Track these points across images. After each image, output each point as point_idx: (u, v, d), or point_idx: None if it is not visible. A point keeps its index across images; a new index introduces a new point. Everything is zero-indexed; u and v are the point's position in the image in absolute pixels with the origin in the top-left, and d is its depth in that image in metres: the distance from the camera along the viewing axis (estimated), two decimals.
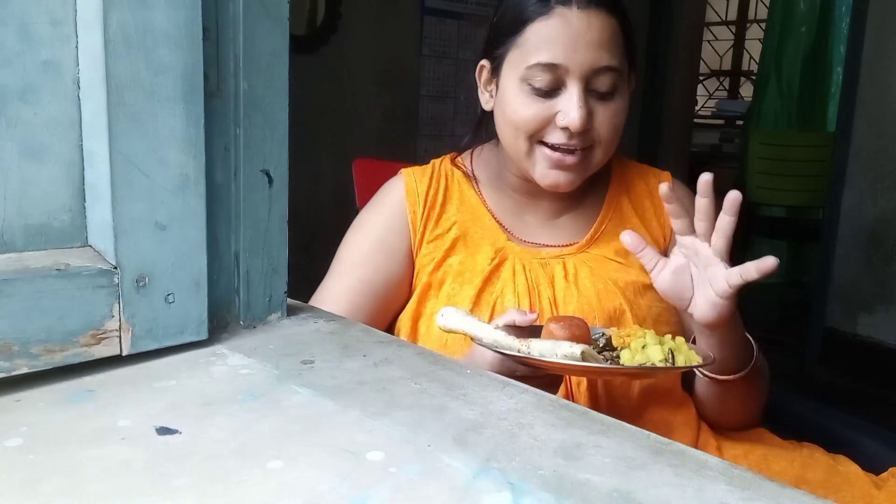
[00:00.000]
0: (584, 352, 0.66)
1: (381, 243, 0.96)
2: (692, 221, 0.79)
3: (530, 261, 0.93)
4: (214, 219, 0.54)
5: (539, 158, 0.89)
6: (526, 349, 0.68)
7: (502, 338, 0.70)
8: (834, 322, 2.81)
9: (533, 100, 0.87)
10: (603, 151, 0.90)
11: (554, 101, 0.86)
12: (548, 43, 0.85)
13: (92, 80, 0.49)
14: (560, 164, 0.88)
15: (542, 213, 0.98)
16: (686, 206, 0.99)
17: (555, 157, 0.88)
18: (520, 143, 0.89)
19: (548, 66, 0.85)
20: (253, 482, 0.36)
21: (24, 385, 0.45)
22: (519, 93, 0.88)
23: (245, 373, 0.49)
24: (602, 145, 0.89)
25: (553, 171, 0.89)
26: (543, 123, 0.87)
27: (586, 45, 0.84)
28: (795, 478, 0.88)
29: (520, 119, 0.88)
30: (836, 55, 3.86)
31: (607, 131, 0.88)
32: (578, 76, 0.85)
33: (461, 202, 0.98)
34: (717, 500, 0.36)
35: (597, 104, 0.87)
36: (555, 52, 0.85)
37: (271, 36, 0.54)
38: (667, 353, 0.70)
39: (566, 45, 0.84)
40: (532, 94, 0.87)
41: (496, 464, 0.38)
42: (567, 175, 0.89)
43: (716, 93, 7.25)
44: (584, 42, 0.84)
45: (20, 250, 0.49)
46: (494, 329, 0.71)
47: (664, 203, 0.79)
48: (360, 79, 2.71)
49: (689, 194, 1.01)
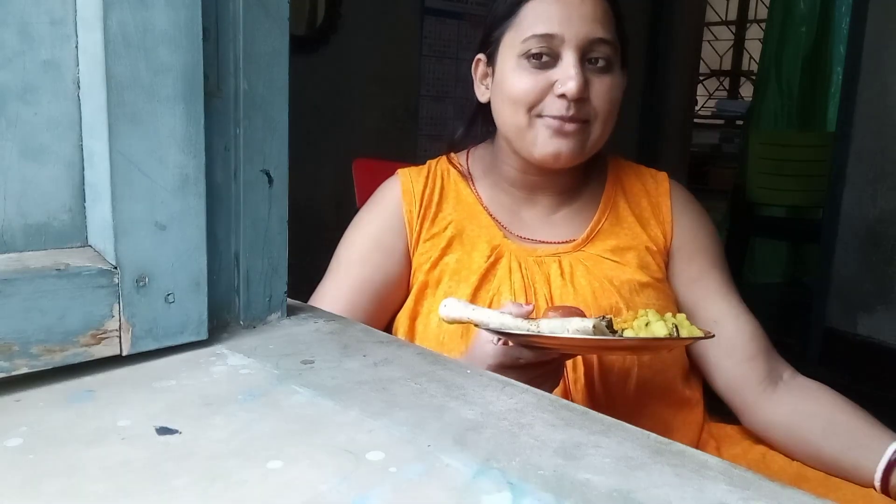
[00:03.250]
0: (595, 325, 0.66)
1: (378, 243, 0.96)
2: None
3: (526, 259, 0.93)
4: (214, 219, 0.54)
5: (539, 129, 0.90)
6: (535, 328, 0.68)
7: (510, 320, 0.69)
8: (834, 322, 2.81)
9: (530, 72, 0.89)
10: (601, 126, 0.90)
11: (551, 72, 0.88)
12: (543, 16, 0.88)
13: (92, 80, 0.49)
14: (560, 130, 0.88)
15: (539, 208, 0.98)
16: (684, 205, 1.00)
17: (554, 125, 0.88)
18: (519, 119, 0.90)
19: (544, 36, 0.87)
20: (253, 482, 0.36)
21: (24, 385, 0.45)
22: (516, 68, 0.90)
23: (245, 373, 0.49)
24: (599, 119, 0.90)
25: (554, 140, 0.89)
26: (541, 94, 0.88)
27: (580, 17, 0.87)
28: (794, 476, 0.88)
29: (518, 92, 0.89)
30: (836, 55, 3.87)
31: (603, 104, 0.89)
32: (574, 46, 0.87)
33: (457, 200, 0.98)
34: (717, 500, 0.36)
35: (593, 76, 0.89)
36: (550, 24, 0.87)
37: (271, 36, 0.54)
38: (671, 328, 0.70)
39: (561, 17, 0.87)
40: (529, 67, 0.89)
41: (496, 464, 0.38)
42: (568, 143, 0.89)
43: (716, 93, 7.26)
44: (579, 14, 0.87)
45: (20, 250, 0.49)
46: (500, 314, 0.71)
47: None
48: (360, 79, 2.71)
49: (686, 195, 1.02)
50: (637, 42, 3.48)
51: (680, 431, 0.93)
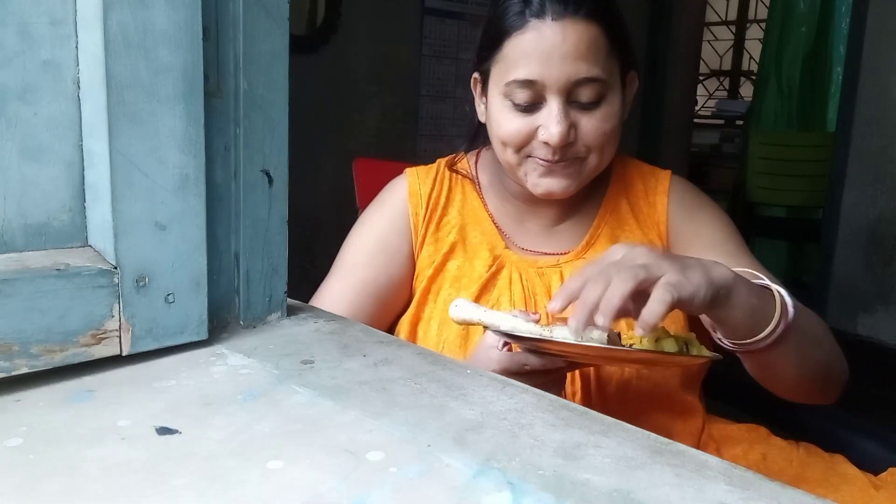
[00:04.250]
0: (609, 336, 0.66)
1: (383, 244, 0.96)
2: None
3: (527, 270, 0.92)
4: (214, 219, 0.54)
5: (530, 169, 0.88)
6: (549, 333, 0.67)
7: (521, 323, 0.69)
8: (834, 322, 2.81)
9: (515, 115, 0.86)
10: (596, 157, 0.88)
11: (535, 116, 0.85)
12: (524, 58, 0.84)
13: (92, 80, 0.49)
14: (550, 171, 0.87)
15: (543, 219, 0.97)
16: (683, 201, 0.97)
17: (544, 165, 0.87)
18: (509, 157, 0.89)
19: (525, 82, 0.84)
20: (253, 482, 0.36)
21: (24, 385, 0.45)
22: (502, 108, 0.87)
23: (245, 373, 0.49)
24: (594, 153, 0.87)
25: (545, 180, 0.88)
26: (527, 138, 0.86)
27: (561, 58, 0.82)
28: (794, 477, 0.88)
29: (504, 135, 0.87)
30: (836, 55, 3.86)
31: (595, 139, 0.86)
32: (556, 90, 0.83)
33: (463, 204, 0.98)
34: (717, 500, 0.36)
35: (581, 115, 0.85)
36: (530, 68, 0.83)
37: (271, 36, 0.54)
38: (681, 344, 0.70)
39: (541, 59, 0.83)
40: (514, 109, 0.86)
41: (496, 464, 0.38)
42: (560, 181, 0.87)
43: (716, 93, 7.26)
44: (559, 55, 0.82)
45: (20, 250, 0.49)
46: (513, 316, 0.70)
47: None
48: (360, 79, 2.71)
49: (686, 189, 1.00)
50: (637, 42, 3.48)
51: (680, 437, 0.93)
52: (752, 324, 0.72)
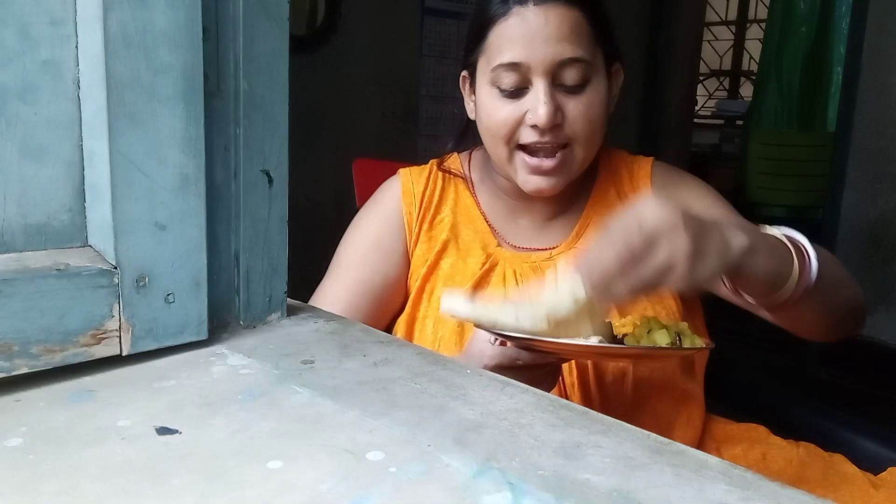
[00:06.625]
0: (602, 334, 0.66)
1: (377, 244, 0.96)
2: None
3: (521, 265, 0.93)
4: (214, 219, 0.54)
5: (519, 165, 0.89)
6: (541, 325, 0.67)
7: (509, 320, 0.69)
8: None
9: (503, 102, 0.87)
10: (582, 149, 0.88)
11: (522, 101, 0.86)
12: (508, 43, 0.85)
13: (92, 79, 0.49)
14: (539, 169, 0.87)
15: (535, 216, 0.98)
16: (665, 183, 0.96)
17: (533, 163, 0.87)
18: (499, 150, 0.89)
19: (510, 65, 0.85)
20: (253, 482, 0.36)
21: (24, 385, 0.45)
22: (490, 97, 0.88)
23: (245, 373, 0.49)
24: (580, 142, 0.87)
25: (533, 177, 0.88)
26: (515, 125, 0.87)
27: (544, 39, 0.84)
28: (794, 477, 0.88)
29: (493, 123, 0.88)
30: (836, 55, 3.86)
31: (581, 125, 0.86)
32: (542, 72, 0.84)
33: (456, 202, 0.99)
34: (717, 500, 0.36)
35: (567, 98, 0.86)
36: (515, 52, 0.84)
37: (271, 36, 0.54)
38: (673, 336, 0.70)
39: (525, 42, 0.84)
40: (501, 96, 0.87)
41: (496, 464, 0.38)
42: (548, 179, 0.88)
43: (716, 93, 7.25)
44: (542, 37, 0.84)
45: (20, 250, 0.49)
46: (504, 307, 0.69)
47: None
48: (360, 79, 2.71)
49: (670, 170, 0.98)
50: (637, 42, 3.48)
51: (681, 426, 0.93)
52: (774, 283, 0.71)
